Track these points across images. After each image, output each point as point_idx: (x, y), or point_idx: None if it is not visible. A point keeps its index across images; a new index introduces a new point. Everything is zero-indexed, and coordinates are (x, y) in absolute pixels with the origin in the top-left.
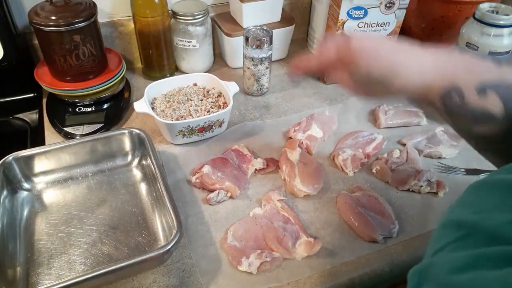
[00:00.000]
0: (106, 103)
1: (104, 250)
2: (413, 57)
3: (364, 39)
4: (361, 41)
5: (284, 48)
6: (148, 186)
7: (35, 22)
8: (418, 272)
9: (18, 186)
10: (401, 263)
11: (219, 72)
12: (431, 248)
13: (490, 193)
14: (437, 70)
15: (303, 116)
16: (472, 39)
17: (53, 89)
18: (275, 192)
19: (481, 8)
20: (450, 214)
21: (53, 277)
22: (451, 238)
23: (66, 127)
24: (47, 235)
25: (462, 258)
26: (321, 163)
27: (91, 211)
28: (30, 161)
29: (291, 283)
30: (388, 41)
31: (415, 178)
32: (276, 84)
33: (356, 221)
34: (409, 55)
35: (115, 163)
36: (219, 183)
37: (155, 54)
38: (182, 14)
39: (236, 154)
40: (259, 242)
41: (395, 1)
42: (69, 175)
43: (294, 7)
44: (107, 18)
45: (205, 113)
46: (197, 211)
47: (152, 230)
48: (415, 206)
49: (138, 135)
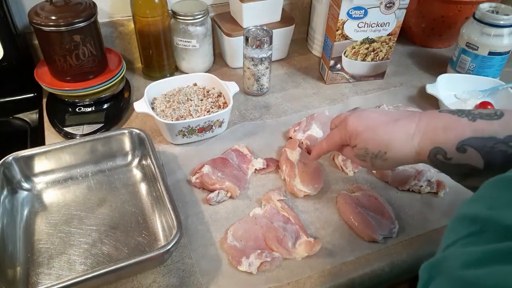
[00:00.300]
0: (106, 103)
1: (104, 250)
2: (401, 129)
3: (357, 121)
4: (355, 125)
5: (284, 48)
6: (148, 186)
7: (35, 22)
8: (430, 266)
9: (18, 186)
10: (401, 263)
11: (219, 72)
12: (443, 242)
13: (506, 190)
14: (421, 137)
15: (303, 116)
16: (472, 39)
17: (53, 89)
18: (275, 192)
19: (481, 8)
20: (464, 208)
21: (53, 277)
22: (464, 233)
23: (66, 127)
24: (47, 235)
25: (475, 253)
26: (321, 163)
27: (91, 211)
28: (30, 161)
29: (291, 283)
30: (380, 116)
31: (415, 178)
32: (276, 84)
33: (356, 221)
34: (398, 128)
35: (115, 163)
36: (219, 183)
37: (155, 54)
38: (182, 14)
39: (236, 154)
40: (259, 242)
41: (395, 1)
42: (69, 175)
43: (294, 7)
44: (107, 18)
45: (205, 113)
46: (197, 211)
47: (152, 230)
48: (415, 206)
49: (138, 135)
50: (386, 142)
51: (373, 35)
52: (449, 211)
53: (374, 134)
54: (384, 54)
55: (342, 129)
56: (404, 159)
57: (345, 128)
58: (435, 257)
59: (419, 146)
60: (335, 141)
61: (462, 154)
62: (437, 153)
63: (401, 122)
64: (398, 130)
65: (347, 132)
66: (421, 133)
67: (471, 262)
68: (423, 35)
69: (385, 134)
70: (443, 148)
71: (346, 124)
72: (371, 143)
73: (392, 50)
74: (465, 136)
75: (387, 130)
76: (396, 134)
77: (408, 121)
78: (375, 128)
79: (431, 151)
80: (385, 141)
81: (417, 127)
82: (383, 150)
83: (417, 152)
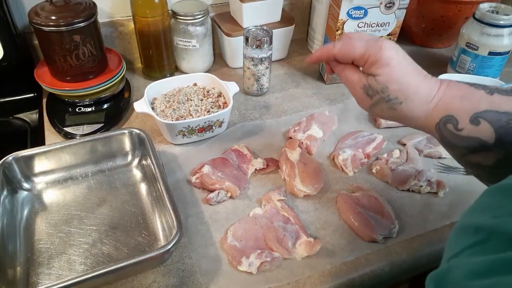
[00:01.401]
0: (106, 103)
1: (104, 250)
2: (426, 88)
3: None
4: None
5: (284, 48)
6: (148, 186)
7: (35, 22)
8: (436, 278)
9: (18, 186)
10: (401, 263)
11: (219, 72)
12: (447, 253)
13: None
14: (437, 103)
15: (303, 116)
16: (472, 39)
17: (53, 89)
18: (275, 192)
19: (481, 8)
20: (466, 218)
21: (53, 277)
22: (468, 243)
23: (66, 127)
24: (47, 235)
25: (481, 263)
26: (321, 163)
27: (91, 211)
28: (30, 161)
29: (291, 283)
30: (413, 63)
31: (415, 178)
32: (276, 84)
33: (356, 221)
34: (424, 85)
35: (115, 163)
36: (219, 183)
37: (155, 54)
38: (182, 14)
39: (236, 154)
40: (259, 242)
41: (395, 1)
42: (69, 175)
43: (294, 7)
44: (107, 18)
45: (205, 113)
46: (197, 211)
47: (152, 230)
48: (415, 206)
49: (138, 135)
50: (408, 93)
51: (373, 35)
52: (449, 211)
53: (402, 77)
54: None
55: (371, 48)
56: (411, 118)
57: (378, 49)
58: (440, 268)
59: (432, 111)
60: (354, 51)
61: (474, 126)
62: (448, 122)
63: (428, 80)
64: (423, 87)
65: (376, 55)
66: (439, 99)
67: (476, 273)
68: (423, 35)
69: (411, 85)
70: (456, 117)
71: (381, 45)
72: (394, 85)
73: None
74: (481, 108)
75: (416, 81)
76: (421, 90)
77: (434, 82)
78: (406, 73)
79: (442, 119)
80: (409, 91)
81: (438, 91)
82: (400, 99)
83: (426, 117)
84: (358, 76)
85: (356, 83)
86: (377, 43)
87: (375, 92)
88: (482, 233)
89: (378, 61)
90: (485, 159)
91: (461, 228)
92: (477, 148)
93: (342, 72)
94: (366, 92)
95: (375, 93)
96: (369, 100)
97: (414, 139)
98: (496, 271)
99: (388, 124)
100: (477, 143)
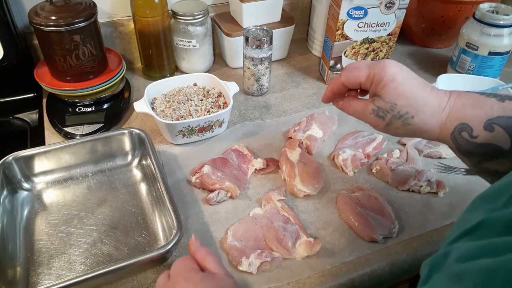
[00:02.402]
0: (106, 103)
1: (104, 250)
2: (436, 99)
3: (397, 68)
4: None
5: (284, 48)
6: (148, 186)
7: (35, 22)
8: (430, 263)
9: (18, 186)
10: (401, 263)
11: (219, 72)
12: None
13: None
14: (449, 112)
15: (303, 116)
16: (472, 39)
17: (53, 89)
18: (275, 192)
19: (481, 8)
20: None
21: (53, 277)
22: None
23: (66, 127)
24: (47, 235)
25: (470, 248)
26: (321, 163)
27: (91, 211)
28: (30, 161)
29: (291, 283)
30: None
31: (415, 178)
32: (276, 84)
33: (356, 221)
34: (433, 97)
35: (115, 163)
36: (219, 183)
37: (155, 54)
38: (182, 14)
39: (236, 154)
40: (259, 242)
41: (395, 1)
42: (69, 175)
43: (294, 7)
44: (107, 18)
45: (205, 113)
46: (197, 211)
47: (152, 230)
48: (415, 206)
49: (138, 135)
50: (418, 106)
51: (373, 35)
52: (449, 211)
53: (410, 92)
54: (384, 54)
55: (375, 68)
56: (426, 130)
57: (381, 68)
58: (434, 254)
59: (445, 121)
60: (360, 75)
61: (489, 132)
62: (463, 130)
63: (436, 92)
64: (432, 99)
65: (381, 73)
66: (450, 108)
67: (464, 257)
68: (423, 35)
69: (421, 97)
70: (470, 125)
71: (384, 65)
72: (403, 100)
73: (392, 50)
74: (494, 114)
75: (424, 94)
76: (431, 101)
77: (442, 93)
78: (413, 87)
79: (456, 127)
80: (418, 104)
81: (448, 101)
82: (411, 113)
83: (441, 127)
84: (364, 103)
85: (365, 109)
86: (379, 63)
87: (385, 112)
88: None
89: (383, 79)
90: (501, 165)
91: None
92: (493, 154)
93: (348, 106)
94: (377, 114)
95: (385, 113)
96: (382, 122)
97: (414, 139)
98: (482, 255)
99: None
100: (493, 149)
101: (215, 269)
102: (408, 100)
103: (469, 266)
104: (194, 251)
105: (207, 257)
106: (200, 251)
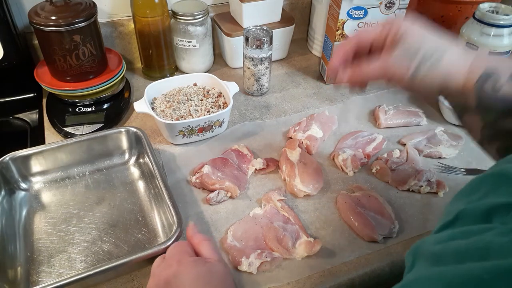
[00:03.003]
0: (106, 103)
1: (104, 247)
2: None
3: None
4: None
5: (284, 48)
6: (146, 183)
7: (35, 22)
8: (412, 252)
9: (16, 186)
10: (401, 263)
11: (219, 72)
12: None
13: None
14: (474, 58)
15: (303, 116)
16: (472, 39)
17: (53, 89)
18: (275, 192)
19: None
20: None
21: (53, 275)
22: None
23: (66, 127)
24: (46, 234)
25: (446, 234)
26: (321, 163)
27: (90, 209)
28: (27, 161)
29: (291, 283)
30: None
31: (415, 178)
32: (276, 84)
33: (356, 221)
34: (453, 41)
35: (112, 161)
36: (219, 183)
37: (155, 54)
38: (182, 14)
39: (236, 154)
40: (259, 242)
41: (395, 1)
42: (67, 174)
43: (294, 7)
44: (107, 18)
45: (205, 113)
46: (197, 211)
47: (151, 227)
48: (415, 206)
49: (135, 134)
50: (445, 45)
51: None
52: None
53: (433, 34)
54: None
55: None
56: (454, 74)
57: (397, 20)
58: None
59: (471, 66)
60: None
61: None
62: (488, 78)
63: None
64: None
65: (398, 22)
66: (474, 56)
67: (440, 241)
68: None
69: (445, 37)
70: (496, 72)
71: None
72: (429, 40)
73: None
74: None
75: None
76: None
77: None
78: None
79: (482, 75)
80: (445, 43)
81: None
82: (440, 52)
83: (468, 72)
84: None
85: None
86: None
87: (411, 56)
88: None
89: (402, 25)
90: None
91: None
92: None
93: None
94: (401, 61)
95: (411, 56)
96: (407, 71)
97: (414, 139)
98: (454, 238)
99: (388, 124)
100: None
101: (209, 254)
102: (435, 41)
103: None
104: (191, 236)
105: (203, 242)
106: (197, 237)
